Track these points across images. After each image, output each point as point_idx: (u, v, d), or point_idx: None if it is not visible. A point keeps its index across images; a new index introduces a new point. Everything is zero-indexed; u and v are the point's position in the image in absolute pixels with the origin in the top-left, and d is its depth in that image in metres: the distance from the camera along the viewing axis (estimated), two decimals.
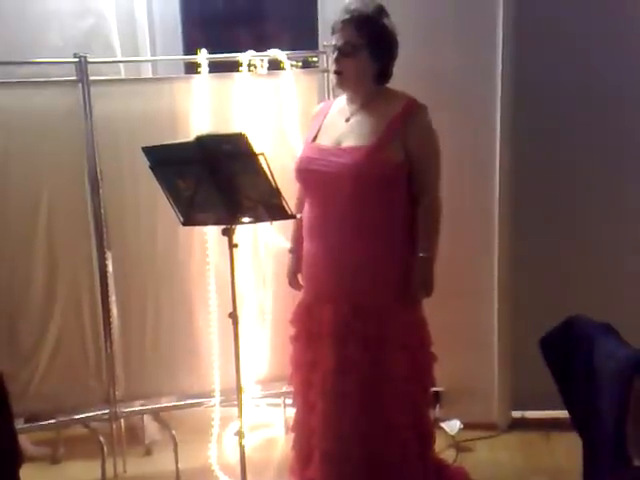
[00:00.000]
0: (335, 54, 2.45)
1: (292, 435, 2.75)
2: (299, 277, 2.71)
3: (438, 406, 3.33)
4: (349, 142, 2.46)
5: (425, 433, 2.59)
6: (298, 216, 2.53)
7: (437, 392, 3.28)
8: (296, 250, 2.71)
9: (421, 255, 2.47)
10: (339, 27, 2.44)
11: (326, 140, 2.53)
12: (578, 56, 3.17)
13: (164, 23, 3.55)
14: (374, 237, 2.47)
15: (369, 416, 2.47)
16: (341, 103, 2.59)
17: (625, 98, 3.23)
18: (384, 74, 2.50)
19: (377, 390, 2.46)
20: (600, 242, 3.31)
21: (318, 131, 2.58)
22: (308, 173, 2.52)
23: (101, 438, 3.06)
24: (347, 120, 2.52)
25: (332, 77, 2.55)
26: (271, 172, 2.19)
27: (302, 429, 2.64)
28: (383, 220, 2.48)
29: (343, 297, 2.49)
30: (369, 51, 2.43)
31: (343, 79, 2.47)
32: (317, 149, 2.52)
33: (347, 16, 2.42)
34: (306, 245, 2.61)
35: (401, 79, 2.53)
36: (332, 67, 2.49)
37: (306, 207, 2.57)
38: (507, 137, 3.18)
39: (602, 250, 3.32)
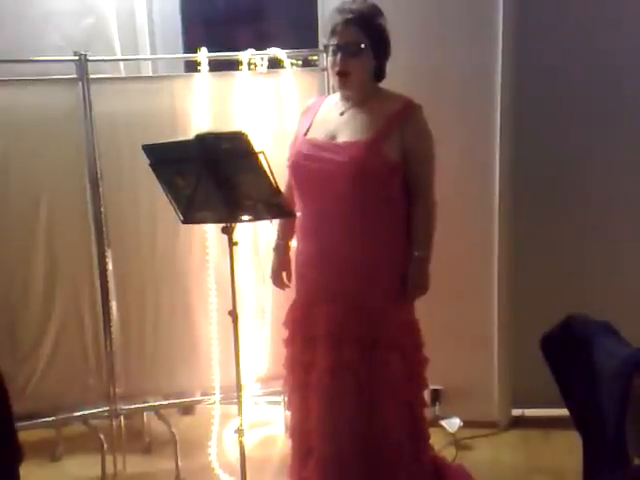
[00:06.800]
0: (339, 55, 2.39)
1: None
2: (284, 275, 2.70)
3: (438, 404, 3.34)
4: (344, 136, 2.43)
5: (420, 433, 2.59)
6: (298, 214, 2.53)
7: (437, 390, 3.30)
8: (282, 247, 2.70)
9: (416, 254, 2.47)
10: (340, 28, 2.39)
11: (319, 134, 2.48)
12: (578, 55, 3.17)
13: (164, 21, 3.55)
14: (370, 237, 2.45)
15: (365, 416, 2.46)
16: (334, 99, 2.56)
17: (626, 96, 3.22)
18: (380, 73, 2.49)
19: (372, 390, 2.46)
20: (601, 241, 3.31)
21: (310, 126, 2.54)
22: (302, 169, 2.49)
23: (101, 436, 3.06)
24: (342, 114, 2.48)
25: (334, 78, 2.46)
26: (271, 171, 2.19)
27: (299, 430, 2.63)
28: (379, 220, 2.46)
29: (337, 297, 2.47)
30: (372, 51, 2.41)
31: (349, 80, 2.42)
32: (311, 144, 2.48)
33: (349, 16, 2.38)
34: (299, 244, 2.60)
35: (401, 78, 2.53)
36: (335, 68, 2.41)
37: (299, 205, 2.54)
38: (507, 136, 3.17)
39: (602, 249, 3.32)
